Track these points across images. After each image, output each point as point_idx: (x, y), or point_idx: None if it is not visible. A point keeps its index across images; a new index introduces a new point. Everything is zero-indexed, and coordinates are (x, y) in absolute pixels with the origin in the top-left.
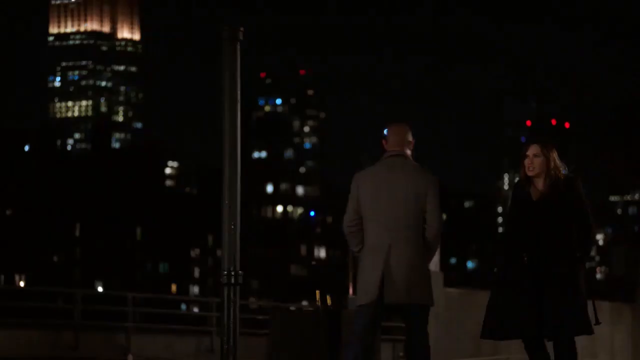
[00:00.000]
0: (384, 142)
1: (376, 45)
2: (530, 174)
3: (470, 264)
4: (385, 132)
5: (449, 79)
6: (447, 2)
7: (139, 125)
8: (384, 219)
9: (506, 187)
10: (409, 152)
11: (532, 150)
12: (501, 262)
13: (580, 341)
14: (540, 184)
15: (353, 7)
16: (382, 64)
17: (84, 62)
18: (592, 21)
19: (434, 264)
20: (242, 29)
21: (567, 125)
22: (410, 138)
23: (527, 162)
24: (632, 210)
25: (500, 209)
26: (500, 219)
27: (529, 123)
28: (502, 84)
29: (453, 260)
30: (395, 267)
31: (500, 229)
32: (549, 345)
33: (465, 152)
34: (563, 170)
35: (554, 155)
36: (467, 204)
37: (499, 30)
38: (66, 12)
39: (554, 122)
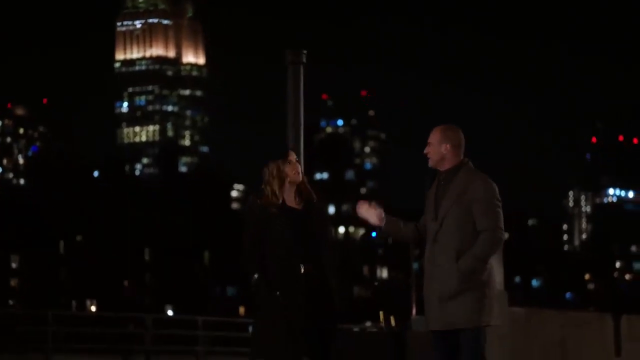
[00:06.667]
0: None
1: (440, 67)
2: (299, 179)
3: (535, 283)
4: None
5: (507, 96)
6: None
7: (205, 149)
8: None
9: (571, 204)
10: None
11: (293, 155)
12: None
13: None
14: (293, 192)
15: (416, 31)
16: (445, 86)
17: (150, 88)
18: None
19: (498, 283)
20: (305, 52)
21: (635, 141)
22: None
23: (296, 166)
24: None
25: (565, 227)
26: (565, 237)
27: (594, 140)
28: (571, 104)
29: (518, 279)
30: None
31: (566, 247)
32: None
33: (529, 170)
34: None
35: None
36: (530, 222)
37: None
38: (132, 38)
39: (621, 138)
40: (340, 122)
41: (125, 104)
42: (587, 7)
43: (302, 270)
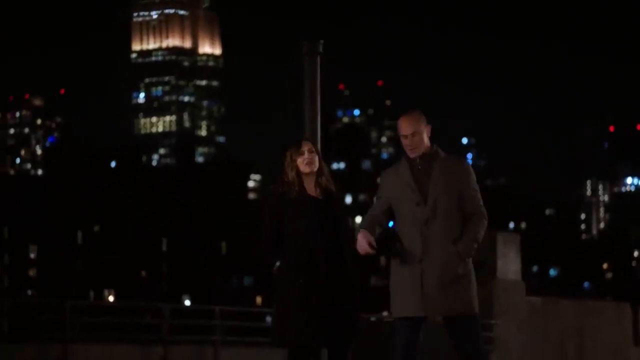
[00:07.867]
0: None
1: (440, 67)
2: (309, 170)
3: (552, 272)
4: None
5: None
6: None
7: (221, 139)
8: None
9: (589, 193)
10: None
11: (307, 145)
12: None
13: None
14: (312, 181)
15: (416, 31)
16: (445, 86)
17: (166, 78)
18: None
19: (515, 273)
20: (322, 41)
21: None
22: None
23: (306, 157)
24: None
25: (583, 216)
26: (583, 226)
27: (611, 128)
28: (585, 93)
29: (535, 269)
30: None
31: (584, 236)
32: None
33: (546, 159)
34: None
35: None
36: (548, 212)
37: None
38: (148, 29)
39: (639, 127)
40: (357, 112)
41: (142, 95)
42: (587, 7)
43: (321, 257)
